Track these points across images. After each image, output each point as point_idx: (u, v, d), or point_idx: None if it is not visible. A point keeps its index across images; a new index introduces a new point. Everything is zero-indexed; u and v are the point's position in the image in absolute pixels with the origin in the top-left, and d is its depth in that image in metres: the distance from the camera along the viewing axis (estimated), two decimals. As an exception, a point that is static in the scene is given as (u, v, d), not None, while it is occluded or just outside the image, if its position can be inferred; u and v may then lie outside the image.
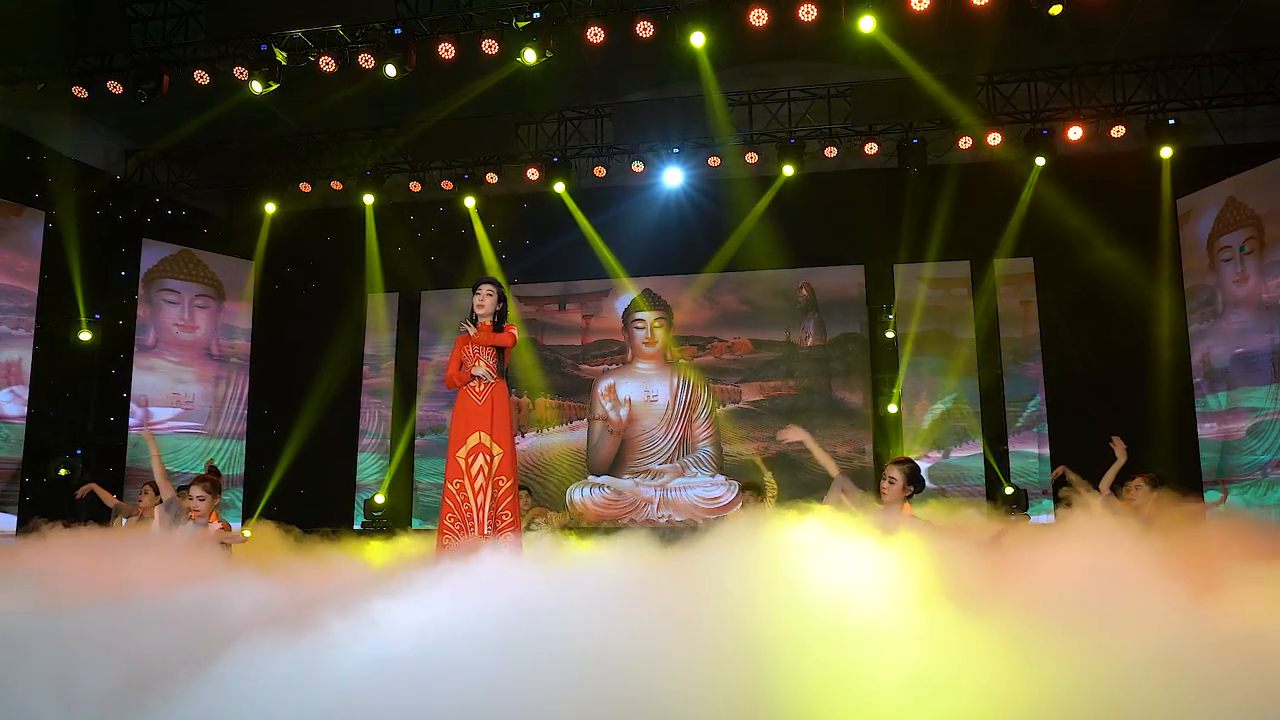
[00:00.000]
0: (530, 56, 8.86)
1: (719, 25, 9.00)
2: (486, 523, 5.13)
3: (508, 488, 5.26)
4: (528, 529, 7.35)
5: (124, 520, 7.65)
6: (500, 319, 5.52)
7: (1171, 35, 10.13)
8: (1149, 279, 10.60)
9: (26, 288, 10.45)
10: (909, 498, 4.74)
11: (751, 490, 8.05)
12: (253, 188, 12.45)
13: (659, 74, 11.34)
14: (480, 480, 5.15)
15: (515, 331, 5.51)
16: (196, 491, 5.61)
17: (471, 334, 5.38)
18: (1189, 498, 6.86)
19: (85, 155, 11.44)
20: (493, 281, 5.52)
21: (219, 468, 7.43)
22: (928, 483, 5.10)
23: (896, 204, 11.46)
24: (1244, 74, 10.17)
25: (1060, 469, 7.09)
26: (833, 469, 5.30)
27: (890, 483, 4.74)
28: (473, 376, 5.32)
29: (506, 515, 5.23)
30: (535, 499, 8.26)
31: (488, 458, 5.19)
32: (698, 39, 8.96)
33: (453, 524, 5.16)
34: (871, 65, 10.44)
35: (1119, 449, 6.32)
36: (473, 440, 5.23)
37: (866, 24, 8.49)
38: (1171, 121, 10.45)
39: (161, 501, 5.94)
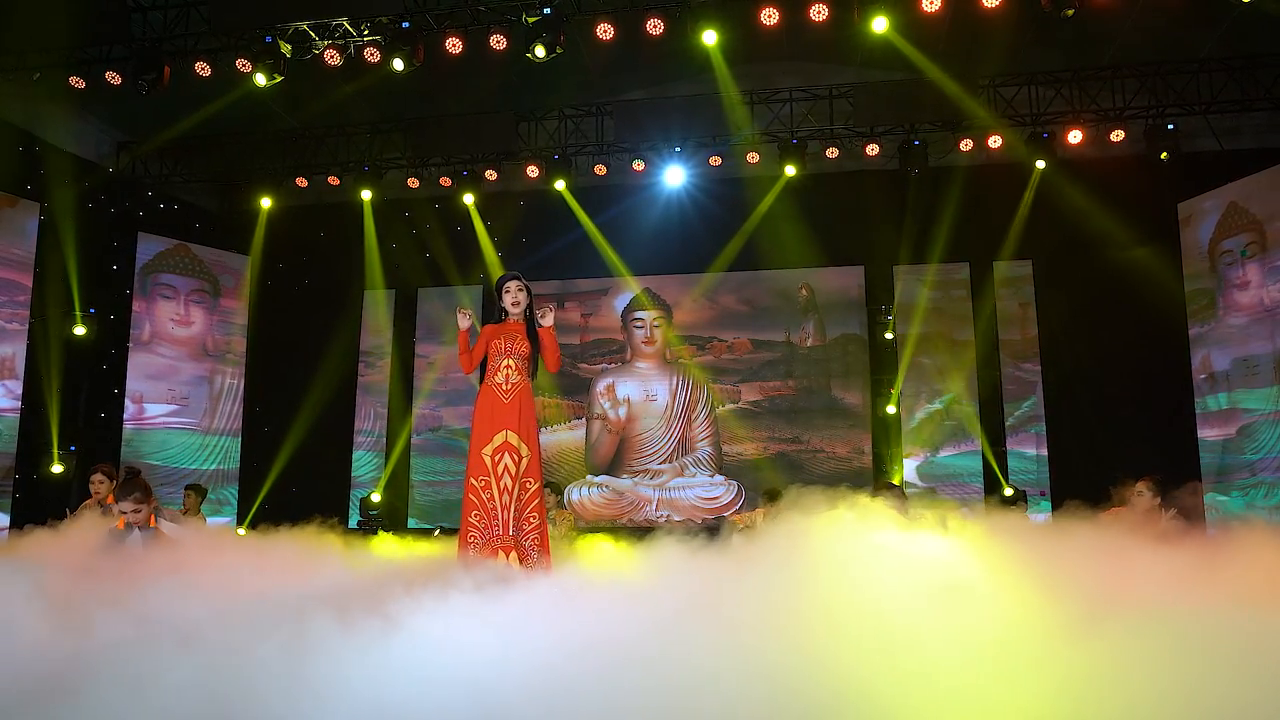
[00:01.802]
0: (540, 52, 8.78)
1: (730, 24, 8.98)
2: (512, 523, 5.06)
3: (535, 489, 5.19)
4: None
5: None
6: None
7: (1170, 40, 10.22)
8: (1148, 282, 10.64)
9: (20, 280, 10.26)
10: None
11: (774, 498, 7.99)
12: (248, 182, 12.30)
13: (660, 73, 11.31)
14: (507, 480, 5.06)
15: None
16: (128, 506, 5.09)
17: (544, 325, 5.31)
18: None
19: (78, 148, 11.24)
20: (521, 277, 5.45)
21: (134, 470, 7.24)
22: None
23: (897, 205, 11.49)
24: (1241, 80, 10.28)
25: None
26: None
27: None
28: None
29: (534, 518, 5.16)
30: (560, 502, 8.10)
31: (515, 457, 5.10)
32: (709, 37, 8.93)
33: (478, 521, 5.07)
34: (873, 66, 10.47)
35: None
36: (499, 439, 5.13)
37: (879, 25, 8.51)
38: (1170, 126, 10.53)
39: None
